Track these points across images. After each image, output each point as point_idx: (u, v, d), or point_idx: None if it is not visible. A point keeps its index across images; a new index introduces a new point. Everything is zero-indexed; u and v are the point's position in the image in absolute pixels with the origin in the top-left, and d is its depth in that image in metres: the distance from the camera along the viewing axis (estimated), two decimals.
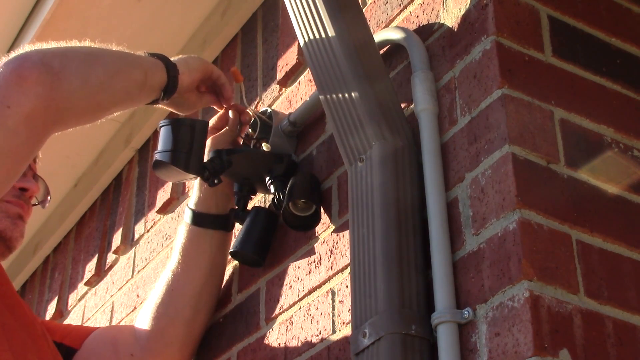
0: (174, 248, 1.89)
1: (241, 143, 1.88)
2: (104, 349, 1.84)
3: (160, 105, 1.72)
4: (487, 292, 1.28)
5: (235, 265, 1.92)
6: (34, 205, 1.83)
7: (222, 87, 1.80)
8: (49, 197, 1.90)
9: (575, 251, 1.31)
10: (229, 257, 1.88)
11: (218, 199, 1.85)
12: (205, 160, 1.72)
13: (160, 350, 1.83)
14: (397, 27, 1.65)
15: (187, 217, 1.87)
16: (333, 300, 1.59)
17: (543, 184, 1.34)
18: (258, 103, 2.07)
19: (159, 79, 1.66)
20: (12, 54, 1.47)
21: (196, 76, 1.73)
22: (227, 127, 1.85)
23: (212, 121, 1.88)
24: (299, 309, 1.67)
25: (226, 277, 1.94)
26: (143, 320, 1.86)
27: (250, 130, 1.85)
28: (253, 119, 1.84)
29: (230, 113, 1.87)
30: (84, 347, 1.83)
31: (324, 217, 1.69)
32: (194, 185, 1.89)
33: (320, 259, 1.66)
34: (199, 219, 1.85)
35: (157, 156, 1.68)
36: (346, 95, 1.53)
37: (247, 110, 1.84)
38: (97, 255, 2.69)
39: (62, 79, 1.47)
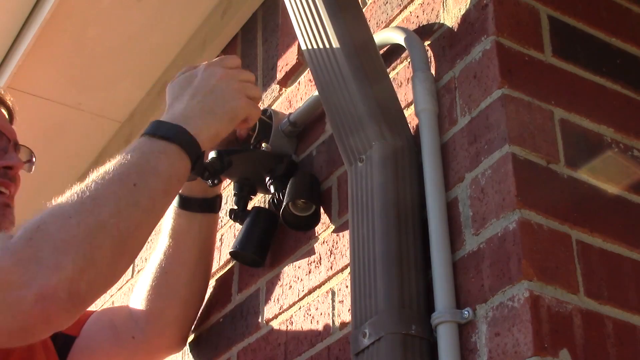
0: (162, 230, 1.89)
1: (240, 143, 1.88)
2: (103, 334, 1.84)
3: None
4: (487, 292, 1.28)
5: (235, 265, 1.92)
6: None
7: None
8: (34, 159, 1.83)
9: (575, 251, 1.31)
10: (228, 255, 1.88)
11: (204, 183, 1.85)
12: (204, 160, 1.72)
13: (160, 331, 1.85)
14: (397, 27, 1.65)
15: (175, 200, 1.87)
16: (333, 300, 1.59)
17: (543, 184, 1.34)
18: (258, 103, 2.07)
19: (184, 172, 1.47)
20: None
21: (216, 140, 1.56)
22: None
23: None
24: (299, 309, 1.67)
25: (226, 277, 1.94)
26: (139, 302, 1.87)
27: (250, 130, 1.85)
28: None
29: None
30: (83, 334, 1.83)
31: (324, 217, 1.69)
32: None
33: (320, 259, 1.66)
34: (186, 202, 1.85)
35: None
36: (346, 95, 1.53)
37: None
38: None
39: (87, 298, 1.30)
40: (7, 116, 1.80)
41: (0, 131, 1.74)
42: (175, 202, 1.86)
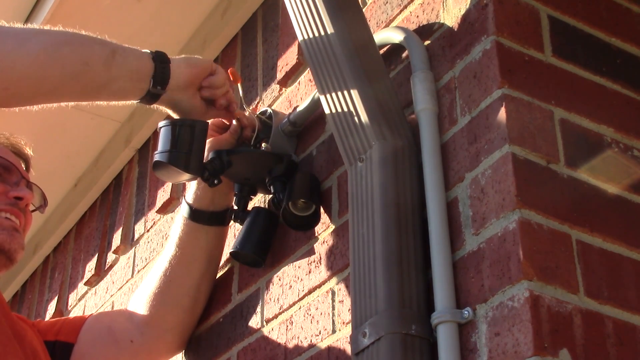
0: (170, 237, 1.90)
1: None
2: (101, 339, 1.85)
3: (157, 106, 1.70)
4: (487, 292, 1.28)
5: (235, 265, 1.92)
6: (33, 211, 1.84)
7: (225, 98, 1.76)
8: (45, 202, 1.90)
9: (575, 251, 1.31)
10: (228, 255, 1.88)
11: (215, 196, 1.85)
12: (204, 160, 1.72)
13: (160, 336, 1.86)
14: (397, 27, 1.65)
15: (184, 210, 1.87)
16: (333, 300, 1.59)
17: (543, 184, 1.34)
18: (258, 103, 2.07)
19: (138, 64, 1.63)
20: None
21: (195, 70, 1.70)
22: (229, 131, 1.85)
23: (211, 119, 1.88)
24: (299, 308, 1.67)
25: (226, 277, 1.94)
26: (140, 306, 1.87)
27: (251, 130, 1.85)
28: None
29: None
30: (81, 341, 1.83)
31: (324, 217, 1.69)
32: None
33: (320, 259, 1.66)
34: (196, 215, 1.85)
35: (156, 157, 1.68)
36: (346, 95, 1.53)
37: (246, 113, 1.84)
38: (97, 255, 2.69)
39: None
40: (23, 165, 1.86)
41: (15, 166, 1.79)
42: (184, 213, 1.87)
